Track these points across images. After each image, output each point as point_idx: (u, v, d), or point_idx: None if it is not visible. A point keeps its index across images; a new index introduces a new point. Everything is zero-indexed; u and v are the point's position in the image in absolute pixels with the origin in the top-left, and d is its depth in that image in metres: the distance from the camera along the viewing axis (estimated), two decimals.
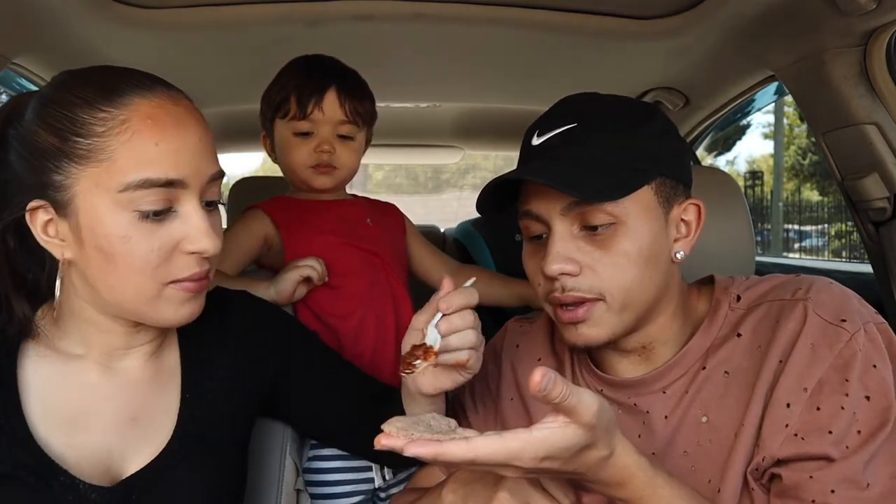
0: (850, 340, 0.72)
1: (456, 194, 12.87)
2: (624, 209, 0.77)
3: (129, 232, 0.71)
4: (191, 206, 0.74)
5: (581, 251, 0.78)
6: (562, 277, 0.79)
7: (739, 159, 14.29)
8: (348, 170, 1.30)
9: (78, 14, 1.25)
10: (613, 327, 0.80)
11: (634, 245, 0.78)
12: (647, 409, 0.82)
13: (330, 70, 1.26)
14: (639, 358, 0.85)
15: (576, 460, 0.64)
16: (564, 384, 0.59)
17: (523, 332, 1.00)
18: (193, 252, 0.74)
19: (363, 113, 1.27)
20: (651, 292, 0.80)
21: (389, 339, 1.30)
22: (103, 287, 0.74)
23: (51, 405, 0.77)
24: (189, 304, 0.77)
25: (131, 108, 0.71)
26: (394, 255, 1.35)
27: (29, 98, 0.76)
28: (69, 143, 0.70)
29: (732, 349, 0.80)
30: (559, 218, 0.79)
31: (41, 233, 0.74)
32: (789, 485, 0.71)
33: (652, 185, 0.79)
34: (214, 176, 0.77)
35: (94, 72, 0.76)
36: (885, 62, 1.17)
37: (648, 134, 0.80)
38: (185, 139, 0.73)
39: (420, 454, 0.60)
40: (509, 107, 2.14)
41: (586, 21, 1.36)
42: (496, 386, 0.97)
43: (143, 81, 0.74)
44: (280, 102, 1.25)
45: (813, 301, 0.76)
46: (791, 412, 0.72)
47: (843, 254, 9.49)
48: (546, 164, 0.79)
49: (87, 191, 0.71)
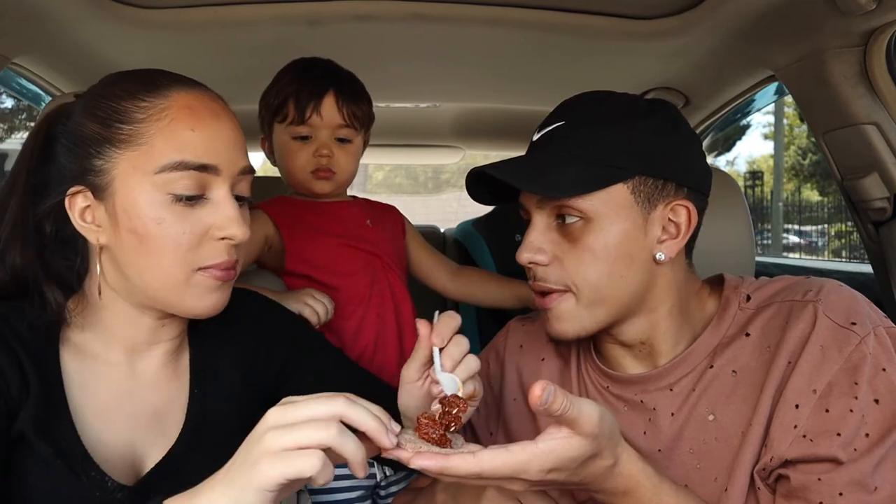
0: (859, 343, 0.72)
1: (456, 194, 12.87)
2: (592, 206, 0.78)
3: (163, 214, 0.74)
4: (222, 193, 0.77)
5: (552, 242, 0.81)
6: (533, 266, 0.82)
7: (739, 159, 14.30)
8: (347, 174, 1.31)
9: (78, 14, 1.25)
10: (583, 322, 0.81)
11: (599, 241, 0.79)
12: (654, 405, 0.83)
13: (327, 74, 1.26)
14: (641, 354, 0.85)
15: (582, 471, 0.64)
16: (564, 396, 0.60)
17: (526, 332, 1.00)
18: (223, 238, 0.77)
19: (361, 116, 1.28)
20: (624, 290, 0.80)
21: (391, 338, 1.30)
22: (134, 271, 0.76)
23: (83, 399, 0.78)
24: (215, 294, 0.79)
25: (171, 98, 0.76)
26: (393, 256, 1.36)
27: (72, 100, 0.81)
28: (111, 130, 0.75)
29: (741, 348, 0.80)
30: (536, 210, 0.82)
31: (79, 218, 0.77)
32: (797, 486, 0.71)
33: (628, 184, 0.79)
34: (246, 169, 0.80)
35: (141, 71, 0.81)
36: (885, 62, 1.17)
37: (635, 131, 0.79)
38: (220, 129, 0.77)
39: (426, 467, 0.60)
40: (509, 107, 2.14)
41: (586, 21, 1.36)
42: (499, 386, 0.97)
43: (184, 79, 0.79)
44: (278, 107, 1.25)
45: (823, 303, 0.76)
46: (800, 413, 0.72)
47: (842, 254, 9.48)
48: (525, 160, 0.82)
49: (125, 173, 0.74)
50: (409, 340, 1.34)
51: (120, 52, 1.41)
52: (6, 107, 5.78)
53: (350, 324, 1.25)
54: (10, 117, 7.72)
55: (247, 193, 0.81)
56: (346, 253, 1.28)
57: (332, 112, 1.24)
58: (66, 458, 0.73)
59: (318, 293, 1.17)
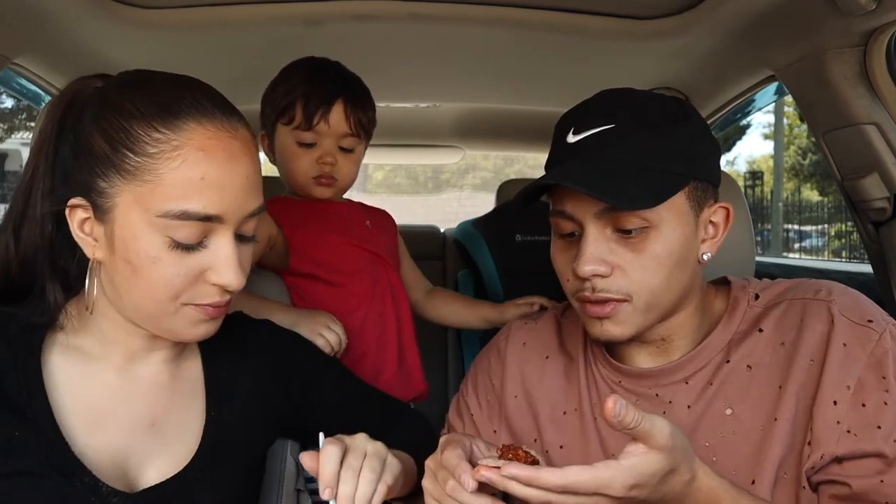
0: (879, 339, 0.75)
1: (456, 194, 12.89)
2: (657, 214, 0.78)
3: (160, 254, 0.72)
4: (224, 240, 0.74)
5: (613, 253, 0.79)
6: (593, 278, 0.80)
7: (739, 159, 14.31)
8: (349, 180, 1.31)
9: (78, 14, 1.25)
10: (638, 326, 0.82)
11: (666, 248, 0.79)
12: (670, 399, 0.84)
13: (338, 79, 1.25)
14: (657, 350, 0.86)
15: (662, 487, 0.65)
16: (636, 411, 0.61)
17: (529, 330, 1.00)
18: (216, 284, 0.75)
19: (366, 124, 1.28)
20: (676, 292, 0.81)
21: (391, 337, 1.31)
22: (125, 293, 0.75)
23: (73, 403, 0.77)
24: (204, 325, 0.78)
25: (186, 135, 0.71)
26: (392, 257, 1.37)
27: (90, 87, 0.77)
28: (119, 155, 0.71)
29: (754, 344, 0.82)
30: (593, 220, 0.80)
31: (77, 229, 0.75)
32: (859, 491, 0.73)
33: (685, 190, 0.80)
34: (254, 212, 0.77)
35: (157, 80, 0.76)
36: (885, 62, 1.17)
37: (683, 136, 0.80)
38: (233, 176, 0.73)
39: (517, 475, 0.62)
40: (509, 107, 2.14)
41: (586, 21, 1.36)
42: (500, 383, 0.98)
43: (204, 103, 0.73)
44: (285, 108, 1.23)
45: (837, 304, 0.79)
46: (839, 409, 0.74)
47: (843, 254, 9.48)
48: (582, 167, 0.79)
49: (127, 205, 0.71)
50: (408, 340, 1.34)
51: (120, 52, 1.41)
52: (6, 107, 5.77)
53: (352, 322, 1.25)
54: (10, 117, 7.70)
55: (251, 233, 0.79)
56: (351, 252, 1.28)
57: (339, 120, 1.23)
58: (51, 465, 0.72)
59: (333, 322, 1.14)
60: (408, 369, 1.34)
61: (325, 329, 1.12)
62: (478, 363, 1.03)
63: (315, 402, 0.96)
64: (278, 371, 0.93)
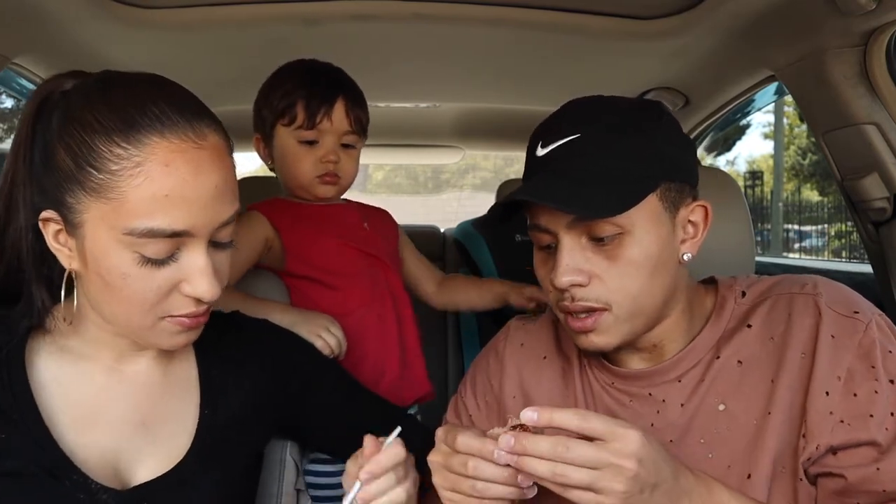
0: (866, 330, 0.76)
1: (456, 194, 12.89)
2: (629, 219, 0.77)
3: (129, 271, 0.71)
4: (196, 252, 0.73)
5: (589, 261, 0.79)
6: (571, 288, 0.80)
7: (739, 159, 14.31)
8: (351, 178, 1.32)
9: (78, 14, 1.25)
10: (623, 334, 0.82)
11: (642, 253, 0.79)
12: (663, 397, 0.84)
13: (336, 79, 1.27)
14: (650, 354, 0.87)
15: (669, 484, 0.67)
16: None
17: (527, 331, 1.01)
18: (190, 295, 0.74)
19: (364, 122, 1.30)
20: (659, 296, 0.81)
21: (392, 339, 1.30)
22: (102, 304, 0.75)
23: (61, 403, 0.77)
24: (183, 335, 0.77)
25: (149, 149, 0.69)
26: (391, 258, 1.36)
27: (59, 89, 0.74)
28: (83, 172, 0.69)
29: (744, 339, 0.82)
30: (566, 231, 0.80)
31: (52, 240, 0.74)
32: (856, 481, 0.74)
33: (657, 192, 0.79)
34: (228, 220, 0.75)
35: (118, 90, 0.72)
36: (885, 62, 1.17)
37: (651, 139, 0.80)
38: (200, 189, 0.71)
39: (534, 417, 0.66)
40: (509, 107, 2.14)
41: (586, 21, 1.36)
42: (498, 383, 0.98)
43: (168, 113, 0.70)
44: (284, 109, 1.23)
45: (824, 297, 0.80)
46: (832, 400, 0.75)
47: (843, 254, 9.48)
48: (550, 179, 0.79)
49: (95, 222, 0.71)
50: (409, 342, 1.34)
51: (120, 52, 1.41)
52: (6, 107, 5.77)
53: (350, 322, 1.25)
54: (10, 117, 7.71)
55: (227, 239, 0.77)
56: (348, 254, 1.28)
57: (341, 117, 1.24)
58: (38, 464, 0.73)
59: (332, 325, 1.14)
60: (412, 370, 1.33)
61: (324, 331, 1.12)
62: (476, 364, 1.03)
63: (313, 402, 0.96)
64: (276, 371, 0.93)
